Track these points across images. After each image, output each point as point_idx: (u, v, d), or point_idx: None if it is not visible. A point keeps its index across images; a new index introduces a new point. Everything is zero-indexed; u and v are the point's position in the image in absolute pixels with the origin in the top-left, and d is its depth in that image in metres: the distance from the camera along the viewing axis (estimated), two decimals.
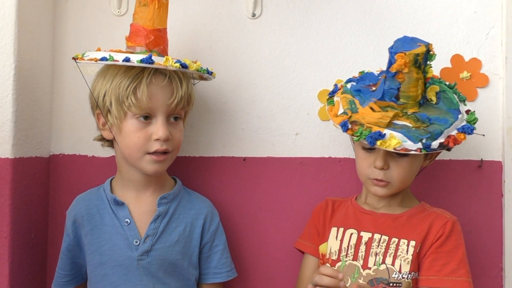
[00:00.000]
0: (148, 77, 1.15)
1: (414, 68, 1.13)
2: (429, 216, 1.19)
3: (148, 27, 1.20)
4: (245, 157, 1.41)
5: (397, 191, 1.20)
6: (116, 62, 1.12)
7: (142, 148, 1.17)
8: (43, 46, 1.38)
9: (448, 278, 1.13)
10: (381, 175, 1.16)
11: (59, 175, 1.41)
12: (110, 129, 1.19)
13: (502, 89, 1.37)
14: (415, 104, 1.16)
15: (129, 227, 1.20)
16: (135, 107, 1.15)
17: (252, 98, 1.41)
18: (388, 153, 1.15)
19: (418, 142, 1.09)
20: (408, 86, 1.14)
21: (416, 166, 1.20)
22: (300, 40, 1.41)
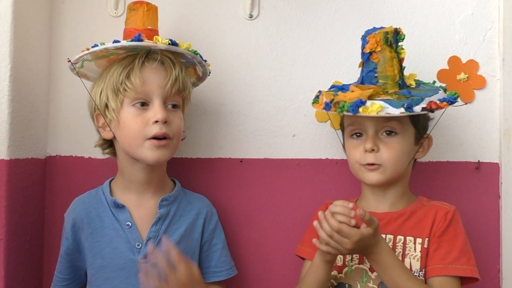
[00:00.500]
0: (139, 60, 1.16)
1: (386, 47, 1.15)
2: (430, 210, 1.19)
3: (139, 27, 1.22)
4: (242, 159, 1.41)
5: (391, 176, 1.17)
6: (107, 45, 1.14)
7: (141, 134, 1.15)
8: (40, 47, 1.37)
9: (452, 266, 1.12)
10: (372, 158, 1.16)
11: (55, 177, 1.41)
12: (109, 127, 1.19)
13: (499, 91, 1.37)
14: (395, 85, 1.17)
15: (130, 230, 1.20)
16: (130, 91, 1.15)
17: (249, 99, 1.41)
18: (376, 136, 1.17)
19: (400, 107, 1.10)
20: (384, 66, 1.16)
21: (407, 148, 1.18)
22: (297, 41, 1.41)
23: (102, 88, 1.18)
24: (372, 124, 1.17)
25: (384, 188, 1.22)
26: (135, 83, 1.15)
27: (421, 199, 1.24)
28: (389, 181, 1.19)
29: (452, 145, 1.38)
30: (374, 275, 1.15)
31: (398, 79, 1.17)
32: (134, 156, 1.19)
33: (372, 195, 1.24)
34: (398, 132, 1.17)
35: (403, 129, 1.17)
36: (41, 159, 1.38)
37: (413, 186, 1.34)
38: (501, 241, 1.35)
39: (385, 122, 1.16)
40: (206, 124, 1.41)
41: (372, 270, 1.15)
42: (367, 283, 1.15)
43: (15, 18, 1.24)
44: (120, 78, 1.16)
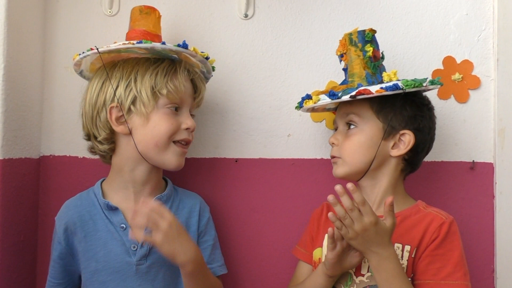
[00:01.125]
0: (182, 70, 1.21)
1: (351, 47, 1.21)
2: (424, 218, 1.15)
3: (152, 31, 1.23)
4: (237, 159, 1.40)
5: (353, 168, 1.17)
6: (155, 45, 1.15)
7: (172, 136, 1.19)
8: (33, 46, 1.36)
9: (444, 282, 1.08)
10: (333, 151, 1.21)
11: (49, 177, 1.39)
12: (127, 122, 1.18)
13: (493, 91, 1.38)
14: (362, 80, 1.20)
15: (125, 232, 1.18)
16: (173, 94, 1.19)
17: (244, 99, 1.41)
18: (343, 131, 1.21)
19: (329, 96, 1.16)
20: (352, 65, 1.21)
21: (365, 140, 1.16)
22: (292, 41, 1.41)
23: (129, 82, 1.17)
24: (340, 119, 1.23)
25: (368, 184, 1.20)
26: (179, 88, 1.19)
27: (419, 204, 1.19)
28: (356, 174, 1.18)
29: (447, 145, 1.38)
30: (359, 280, 1.14)
31: (364, 75, 1.20)
32: (154, 157, 1.19)
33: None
34: (357, 125, 1.19)
35: (363, 122, 1.18)
36: (34, 159, 1.37)
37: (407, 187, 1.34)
38: (495, 241, 1.36)
39: (345, 117, 1.21)
40: (200, 124, 1.40)
41: (357, 275, 1.15)
42: (351, 287, 1.15)
43: (8, 17, 1.23)
44: (164, 80, 1.18)
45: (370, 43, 1.21)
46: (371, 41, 1.21)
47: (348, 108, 1.20)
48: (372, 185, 1.20)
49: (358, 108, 1.18)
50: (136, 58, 1.20)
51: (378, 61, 1.22)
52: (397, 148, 1.17)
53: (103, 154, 1.23)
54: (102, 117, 1.19)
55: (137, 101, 1.17)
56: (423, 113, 1.19)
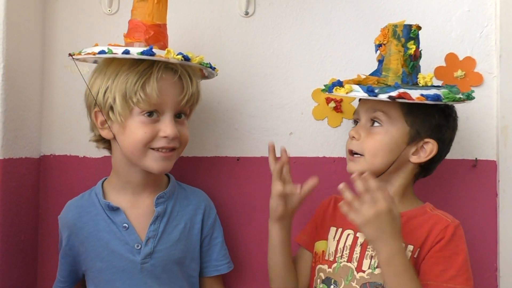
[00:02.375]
0: (158, 72, 1.11)
1: (393, 40, 1.17)
2: (429, 219, 1.13)
3: (147, 22, 1.16)
4: (239, 157, 1.40)
5: (370, 168, 1.13)
6: (115, 55, 1.08)
7: (147, 144, 1.13)
8: (33, 45, 1.36)
9: (446, 285, 1.07)
10: (352, 145, 1.16)
11: (49, 176, 1.39)
12: (110, 128, 1.15)
13: (496, 88, 1.37)
14: (396, 78, 1.16)
15: (128, 231, 1.18)
16: (144, 103, 1.11)
17: (246, 97, 1.40)
18: (365, 125, 1.17)
19: (367, 92, 1.10)
20: (389, 59, 1.17)
21: (389, 142, 1.13)
22: (293, 38, 1.40)
23: (107, 87, 1.12)
24: (363, 113, 1.18)
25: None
26: (151, 96, 1.10)
27: (427, 206, 1.18)
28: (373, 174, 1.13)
29: None
30: (359, 276, 1.13)
31: (400, 73, 1.16)
32: (137, 164, 1.16)
33: None
34: (382, 124, 1.15)
35: (389, 123, 1.14)
36: (35, 159, 1.37)
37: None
38: (498, 239, 1.35)
39: (372, 112, 1.16)
40: (202, 122, 1.40)
41: (358, 270, 1.14)
42: (351, 282, 1.14)
43: (7, 16, 1.22)
44: (135, 88, 1.10)
45: (414, 40, 1.17)
46: (415, 38, 1.18)
47: (376, 104, 1.14)
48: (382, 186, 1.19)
49: (387, 106, 1.14)
50: (121, 59, 1.12)
51: (417, 60, 1.19)
52: (418, 155, 1.16)
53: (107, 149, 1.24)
54: (92, 117, 1.19)
55: (113, 108, 1.13)
56: (448, 124, 1.18)
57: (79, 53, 1.14)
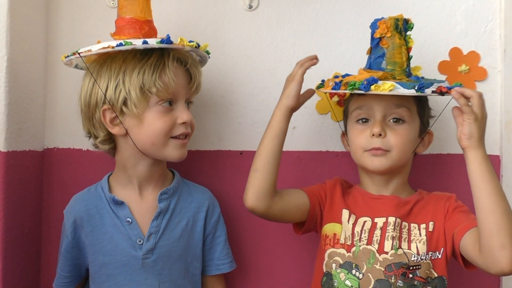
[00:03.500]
0: (170, 62, 1.16)
1: (396, 33, 1.16)
2: (431, 199, 1.20)
3: (141, 18, 1.18)
4: (242, 151, 1.39)
5: (395, 164, 1.16)
6: (136, 46, 1.11)
7: (168, 133, 1.17)
8: (36, 38, 1.35)
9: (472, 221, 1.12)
10: (379, 143, 1.15)
11: (53, 169, 1.39)
12: (123, 123, 1.16)
13: (500, 83, 1.37)
14: (402, 72, 1.17)
15: (131, 226, 1.18)
16: (163, 92, 1.15)
17: (249, 91, 1.40)
18: (384, 121, 1.16)
19: (411, 88, 1.10)
20: (393, 52, 1.16)
21: (413, 137, 1.18)
22: (297, 32, 1.40)
23: (117, 83, 1.14)
24: (380, 109, 1.17)
25: (385, 179, 1.21)
26: (169, 84, 1.15)
27: (421, 192, 1.24)
28: (392, 169, 1.18)
29: (453, 138, 1.34)
30: (382, 257, 1.14)
31: (405, 67, 1.18)
32: (155, 154, 1.18)
33: (372, 186, 1.23)
34: (406, 120, 1.17)
35: (411, 118, 1.18)
36: (38, 152, 1.37)
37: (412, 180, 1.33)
38: None
39: (395, 109, 1.16)
40: (205, 116, 1.40)
41: (380, 252, 1.14)
42: (374, 265, 1.14)
43: (11, 9, 1.22)
44: (152, 78, 1.13)
45: (410, 33, 1.19)
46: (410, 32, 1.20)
47: (399, 100, 1.16)
48: (388, 178, 1.21)
49: (408, 102, 1.17)
50: (124, 54, 1.15)
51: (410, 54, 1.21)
52: (423, 146, 1.23)
53: (107, 152, 1.23)
54: (97, 117, 1.18)
55: (128, 101, 1.14)
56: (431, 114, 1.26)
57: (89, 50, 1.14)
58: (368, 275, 1.14)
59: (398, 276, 1.12)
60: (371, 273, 1.13)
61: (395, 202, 1.19)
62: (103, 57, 1.18)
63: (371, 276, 1.13)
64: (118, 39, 1.17)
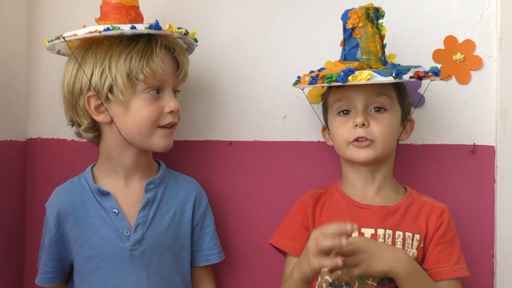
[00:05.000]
0: (157, 49, 1.14)
1: (368, 22, 1.15)
2: (422, 207, 1.17)
3: (127, 3, 1.16)
4: (231, 141, 1.37)
5: (382, 153, 1.14)
6: (124, 31, 1.09)
7: (155, 122, 1.15)
8: (19, 24, 1.32)
9: (457, 267, 1.12)
10: (363, 132, 1.13)
11: (36, 160, 1.36)
12: (108, 111, 1.13)
13: (496, 72, 1.34)
14: (378, 61, 1.15)
15: (117, 217, 1.16)
16: (150, 79, 1.13)
17: (239, 80, 1.37)
18: (366, 111, 1.14)
19: (389, 75, 1.08)
20: (367, 42, 1.15)
21: (395, 125, 1.16)
22: (289, 19, 1.37)
23: (103, 69, 1.12)
24: (361, 99, 1.14)
25: (371, 169, 1.18)
26: (156, 71, 1.13)
27: (411, 191, 1.20)
28: (379, 159, 1.16)
29: (447, 128, 1.35)
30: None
31: (380, 55, 1.16)
32: (141, 143, 1.16)
33: (358, 179, 1.20)
34: (388, 109, 1.15)
35: (392, 106, 1.16)
36: (21, 142, 1.34)
37: (406, 170, 1.33)
38: (495, 226, 1.33)
39: (375, 98, 1.14)
40: (193, 105, 1.37)
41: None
42: (365, 280, 1.10)
43: None
44: (139, 65, 1.11)
45: (382, 21, 1.17)
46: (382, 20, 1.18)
47: (379, 88, 1.14)
48: (374, 169, 1.18)
49: (389, 90, 1.15)
50: (110, 40, 1.13)
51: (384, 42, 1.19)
52: (405, 133, 1.22)
53: (91, 140, 1.21)
54: (81, 105, 1.15)
55: (114, 88, 1.12)
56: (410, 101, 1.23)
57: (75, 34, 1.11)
58: None
59: None
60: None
61: (384, 213, 1.14)
62: (88, 43, 1.15)
63: None
64: (103, 24, 1.14)
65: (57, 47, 1.19)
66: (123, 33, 1.10)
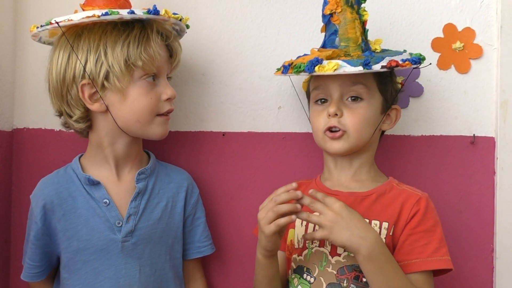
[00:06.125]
0: (153, 35, 1.13)
1: (347, 7, 1.12)
2: (399, 195, 1.12)
3: None
4: (225, 132, 1.35)
5: (355, 144, 1.11)
6: (123, 16, 1.07)
7: (154, 110, 1.14)
8: (4, 12, 1.29)
9: (431, 259, 1.05)
10: (335, 122, 1.10)
11: (23, 151, 1.34)
12: (103, 99, 1.11)
13: (496, 61, 1.31)
14: (357, 48, 1.13)
15: (108, 208, 1.14)
16: (149, 65, 1.11)
17: (232, 69, 1.35)
18: (341, 101, 1.12)
19: (358, 65, 1.05)
20: (346, 28, 1.13)
21: (372, 115, 1.12)
22: (283, 7, 1.34)
23: (97, 56, 1.09)
24: (337, 88, 1.12)
25: (348, 158, 1.16)
26: (154, 57, 1.12)
27: (392, 180, 1.16)
28: (353, 150, 1.13)
29: (446, 118, 1.33)
30: (335, 260, 1.08)
31: (360, 41, 1.13)
32: (137, 131, 1.14)
33: (335, 167, 1.18)
34: (363, 98, 1.12)
35: (369, 95, 1.12)
36: (7, 132, 1.31)
37: (404, 162, 1.31)
38: (495, 219, 1.31)
39: (351, 86, 1.11)
40: (186, 95, 1.34)
41: (332, 254, 1.09)
42: (326, 268, 1.08)
43: None
44: (137, 51, 1.10)
45: (364, 6, 1.14)
46: (364, 4, 1.15)
47: (354, 77, 1.10)
48: (350, 158, 1.16)
49: (366, 78, 1.11)
50: (101, 26, 1.10)
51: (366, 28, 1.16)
52: (389, 123, 1.17)
53: (80, 131, 1.18)
54: (73, 94, 1.12)
55: (110, 75, 1.09)
56: (398, 89, 1.19)
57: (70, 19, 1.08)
58: (320, 279, 1.08)
59: (350, 279, 1.07)
60: (323, 277, 1.08)
61: (351, 200, 1.11)
62: (77, 29, 1.12)
63: (323, 280, 1.08)
64: (90, 10, 1.10)
65: (40, 34, 1.16)
66: (122, 18, 1.08)
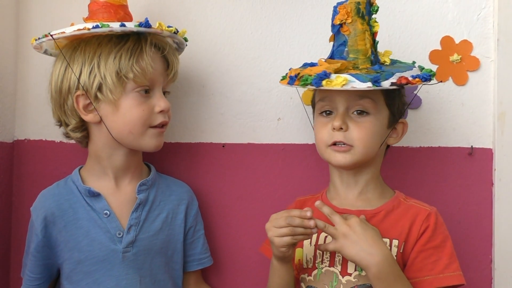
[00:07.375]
0: (147, 48, 1.13)
1: (358, 18, 1.09)
2: (407, 211, 1.11)
3: (116, 2, 1.16)
4: (224, 144, 1.35)
5: (361, 159, 1.09)
6: (113, 29, 1.08)
7: (146, 122, 1.14)
8: (6, 23, 1.30)
9: (443, 276, 1.05)
10: (340, 136, 1.08)
11: (24, 162, 1.34)
12: (97, 110, 1.12)
13: (493, 73, 1.32)
14: (366, 60, 1.10)
15: (109, 219, 1.14)
16: (140, 77, 1.12)
17: (232, 81, 1.35)
18: (347, 114, 1.09)
19: (367, 81, 1.02)
20: (355, 39, 1.09)
21: (379, 130, 1.11)
22: (283, 19, 1.35)
23: (91, 68, 1.11)
24: (343, 101, 1.09)
25: (354, 173, 1.14)
26: (146, 70, 1.12)
27: (399, 195, 1.15)
28: (358, 164, 1.11)
29: (444, 130, 1.33)
30: (345, 280, 1.07)
31: (370, 54, 1.11)
32: (131, 143, 1.15)
33: (341, 184, 1.16)
34: (370, 112, 1.09)
35: (376, 110, 1.10)
36: (8, 143, 1.31)
37: (403, 173, 1.31)
38: (493, 230, 1.31)
39: (358, 100, 1.09)
40: (186, 107, 1.35)
41: (343, 274, 1.08)
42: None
43: None
44: (129, 63, 1.11)
45: (375, 17, 1.12)
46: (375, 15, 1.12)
47: (363, 91, 1.07)
48: (356, 173, 1.14)
49: (373, 93, 1.08)
50: (98, 38, 1.12)
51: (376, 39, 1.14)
52: (395, 137, 1.16)
53: (79, 141, 1.19)
54: (69, 104, 1.14)
55: (103, 87, 1.11)
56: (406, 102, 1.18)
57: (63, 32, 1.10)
58: None
59: None
60: None
61: None
62: (76, 42, 1.14)
63: None
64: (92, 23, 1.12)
65: (44, 46, 1.18)
66: (112, 30, 1.09)
